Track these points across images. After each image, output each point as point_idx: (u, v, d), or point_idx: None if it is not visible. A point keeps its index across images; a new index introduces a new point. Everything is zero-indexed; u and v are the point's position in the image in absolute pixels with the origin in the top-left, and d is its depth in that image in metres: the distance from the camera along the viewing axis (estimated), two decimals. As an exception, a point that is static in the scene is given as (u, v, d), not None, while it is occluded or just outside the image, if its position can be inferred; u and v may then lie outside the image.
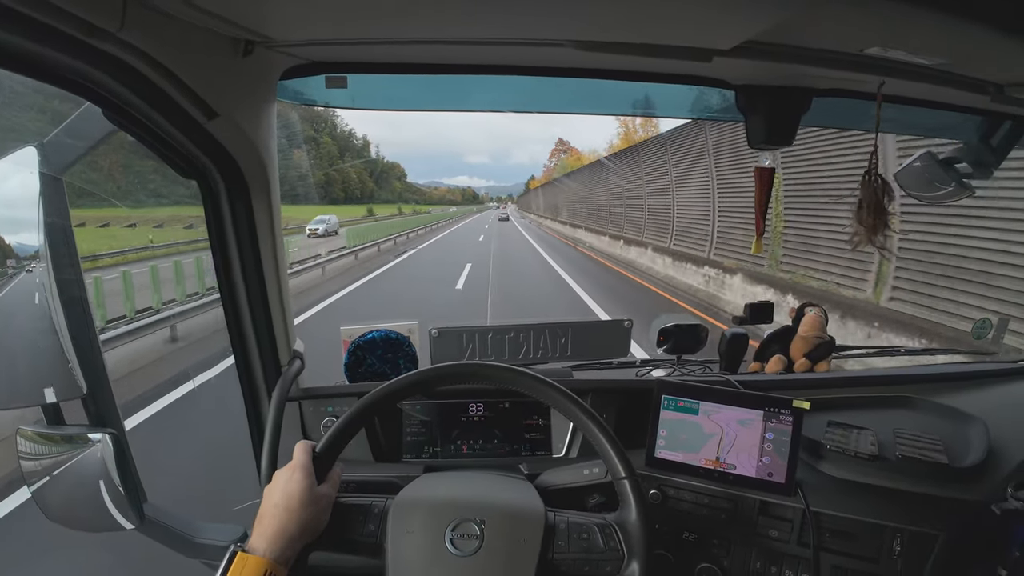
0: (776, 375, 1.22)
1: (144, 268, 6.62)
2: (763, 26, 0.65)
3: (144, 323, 5.22)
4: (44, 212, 0.77)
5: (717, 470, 0.84)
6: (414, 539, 0.65)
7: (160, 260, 7.64)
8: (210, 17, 0.61)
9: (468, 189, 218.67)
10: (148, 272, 6.41)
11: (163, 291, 6.42)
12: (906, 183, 1.14)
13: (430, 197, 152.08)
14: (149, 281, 6.32)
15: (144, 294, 6.16)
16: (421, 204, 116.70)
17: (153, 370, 4.70)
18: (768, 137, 0.97)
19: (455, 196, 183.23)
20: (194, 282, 7.14)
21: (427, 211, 69.96)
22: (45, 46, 0.51)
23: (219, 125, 0.73)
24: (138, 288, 6.01)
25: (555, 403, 0.71)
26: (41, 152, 0.78)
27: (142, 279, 6.19)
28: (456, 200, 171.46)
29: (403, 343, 1.09)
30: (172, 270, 6.71)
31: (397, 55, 0.85)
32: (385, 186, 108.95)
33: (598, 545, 0.66)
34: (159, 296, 6.37)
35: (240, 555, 0.58)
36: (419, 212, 64.38)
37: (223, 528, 0.90)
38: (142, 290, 6.13)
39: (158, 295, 6.36)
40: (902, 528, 0.80)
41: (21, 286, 0.79)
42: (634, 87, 1.01)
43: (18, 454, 0.79)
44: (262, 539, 0.60)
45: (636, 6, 0.62)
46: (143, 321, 5.26)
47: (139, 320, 5.36)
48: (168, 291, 6.58)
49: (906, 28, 0.66)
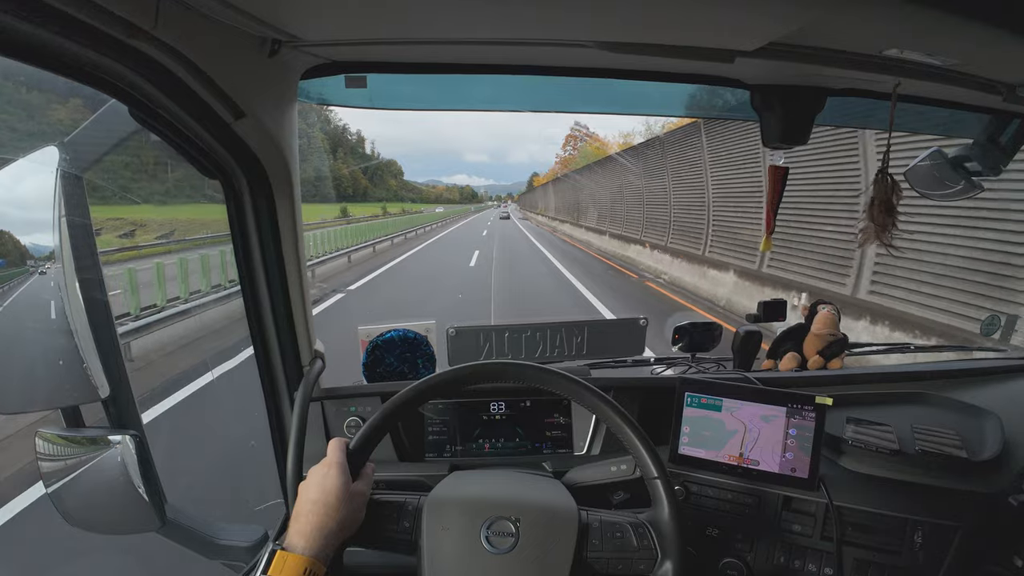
0: (791, 372, 1.23)
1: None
2: (789, 28, 0.66)
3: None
4: (64, 212, 0.76)
5: (741, 466, 0.85)
6: (450, 536, 0.65)
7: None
8: (242, 16, 0.61)
9: (467, 187, 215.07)
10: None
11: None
12: (915, 181, 1.15)
13: (426, 195, 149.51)
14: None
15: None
16: (417, 203, 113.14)
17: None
18: (783, 136, 0.98)
19: (452, 195, 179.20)
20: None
21: (419, 211, 67.04)
22: (79, 44, 0.51)
23: (245, 125, 0.72)
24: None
25: (586, 402, 0.72)
26: (62, 151, 0.78)
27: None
28: (453, 199, 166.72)
29: (421, 342, 1.09)
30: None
31: (418, 55, 0.85)
32: (380, 183, 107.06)
33: (631, 544, 0.66)
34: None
35: (280, 553, 0.58)
36: (408, 212, 60.00)
37: (244, 529, 0.90)
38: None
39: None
40: (923, 521, 0.81)
41: (40, 287, 0.78)
42: (649, 86, 1.02)
43: (37, 457, 0.79)
44: (300, 536, 0.60)
45: (665, 8, 0.63)
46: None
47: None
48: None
49: (924, 30, 0.67)
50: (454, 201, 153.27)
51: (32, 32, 0.46)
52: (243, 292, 0.88)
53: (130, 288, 5.48)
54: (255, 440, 1.02)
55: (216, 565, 0.90)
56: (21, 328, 0.82)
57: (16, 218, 0.86)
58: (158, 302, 5.96)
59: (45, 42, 0.49)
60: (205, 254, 7.03)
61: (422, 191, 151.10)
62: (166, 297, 6.07)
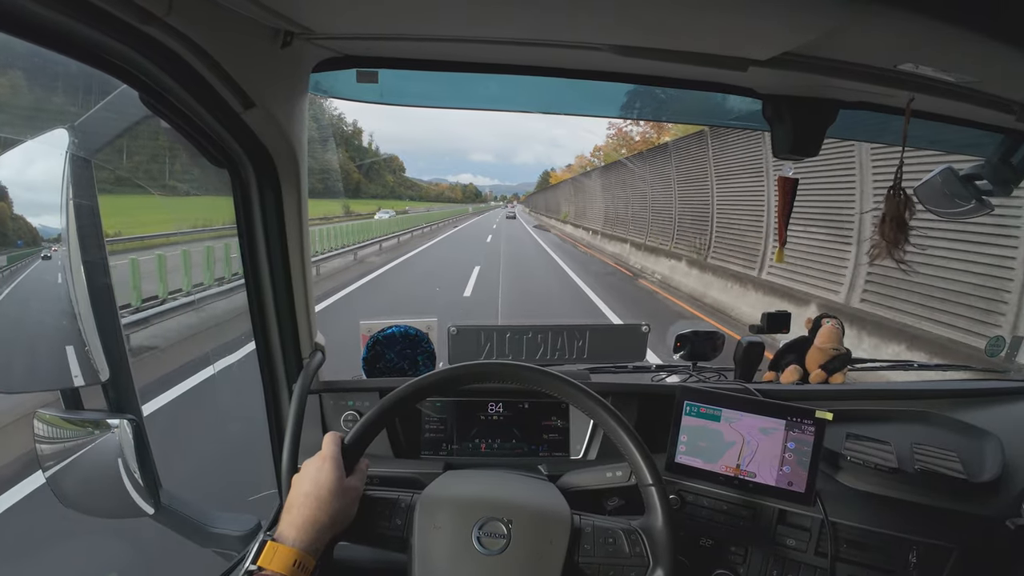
0: (792, 385, 1.22)
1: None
2: (805, 39, 0.66)
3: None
4: (71, 195, 0.76)
5: (737, 477, 0.84)
6: (441, 535, 0.65)
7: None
8: (255, 5, 0.61)
9: (470, 185, 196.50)
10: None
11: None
12: (926, 198, 1.14)
13: (426, 193, 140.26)
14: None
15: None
16: (416, 200, 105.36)
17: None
18: (793, 147, 0.97)
19: (454, 193, 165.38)
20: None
21: (405, 210, 47.73)
22: (94, 29, 0.51)
23: (255, 115, 0.73)
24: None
25: (582, 406, 0.72)
26: (72, 134, 0.78)
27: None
28: (455, 198, 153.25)
29: (422, 339, 1.09)
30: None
31: (431, 52, 0.85)
32: (376, 179, 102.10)
33: (623, 550, 0.66)
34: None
35: (270, 544, 0.58)
36: (384, 210, 38.50)
37: (238, 518, 0.90)
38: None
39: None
40: (918, 541, 0.81)
41: (44, 270, 0.78)
42: (660, 92, 1.01)
43: (35, 438, 0.79)
44: (291, 528, 0.60)
45: (682, 14, 0.62)
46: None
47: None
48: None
49: (940, 46, 0.67)
50: (455, 201, 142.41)
51: (46, 14, 0.46)
52: (246, 282, 0.88)
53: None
54: (253, 430, 1.02)
55: (208, 552, 0.90)
56: (26, 309, 0.82)
57: (26, 200, 0.87)
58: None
59: (59, 24, 0.49)
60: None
61: (421, 188, 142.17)
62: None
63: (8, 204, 0.81)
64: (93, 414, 0.81)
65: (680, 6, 0.60)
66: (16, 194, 0.84)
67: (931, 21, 0.55)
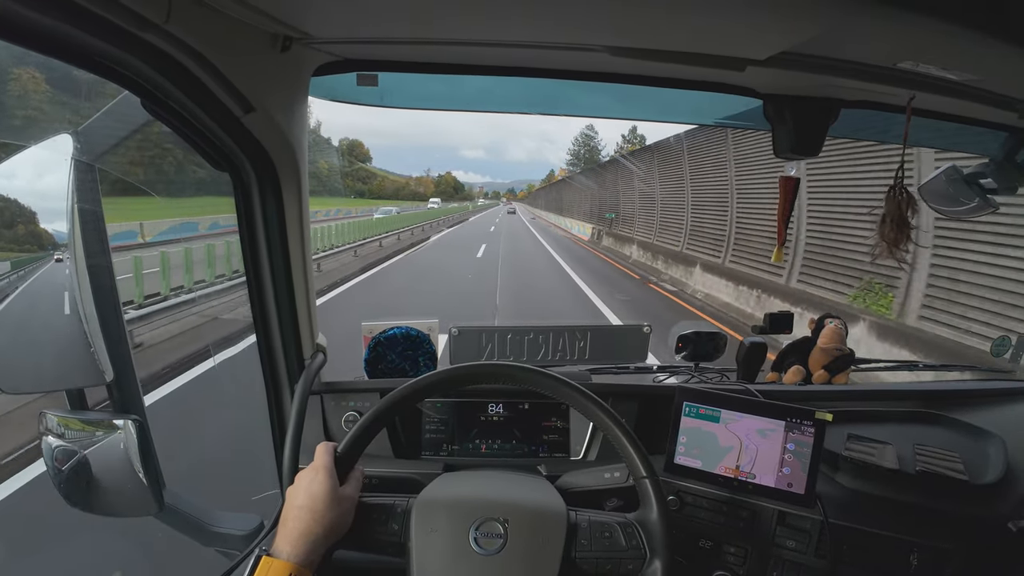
0: (795, 386, 1.21)
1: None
2: (802, 37, 0.65)
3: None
4: (75, 199, 0.77)
5: (736, 479, 0.84)
6: (438, 538, 0.65)
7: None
8: (254, 13, 0.62)
9: (447, 175, 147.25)
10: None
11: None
12: (930, 197, 1.13)
13: (380, 188, 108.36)
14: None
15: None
16: (375, 199, 77.78)
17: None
18: (795, 147, 0.97)
19: (425, 187, 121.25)
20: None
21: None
22: (93, 36, 0.52)
23: (255, 119, 0.73)
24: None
25: (576, 404, 0.72)
26: (76, 139, 0.79)
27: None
28: (423, 193, 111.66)
29: (423, 341, 1.09)
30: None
31: (430, 55, 0.86)
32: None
33: (620, 544, 0.66)
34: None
35: (265, 559, 0.58)
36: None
37: (241, 517, 0.91)
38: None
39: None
40: (919, 543, 0.80)
41: (51, 273, 0.80)
42: (659, 92, 1.01)
43: (42, 437, 0.80)
44: (286, 542, 0.60)
45: (678, 14, 0.62)
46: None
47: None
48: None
49: (940, 44, 0.66)
50: (423, 198, 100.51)
51: (46, 22, 0.47)
52: (248, 283, 0.89)
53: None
54: (255, 431, 1.03)
55: (210, 551, 0.91)
56: (35, 311, 0.84)
57: (37, 206, 0.88)
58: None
59: (59, 32, 0.50)
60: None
61: (378, 177, 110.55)
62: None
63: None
64: (98, 414, 0.82)
65: (673, 7, 0.60)
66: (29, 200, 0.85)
67: (926, 19, 0.55)
